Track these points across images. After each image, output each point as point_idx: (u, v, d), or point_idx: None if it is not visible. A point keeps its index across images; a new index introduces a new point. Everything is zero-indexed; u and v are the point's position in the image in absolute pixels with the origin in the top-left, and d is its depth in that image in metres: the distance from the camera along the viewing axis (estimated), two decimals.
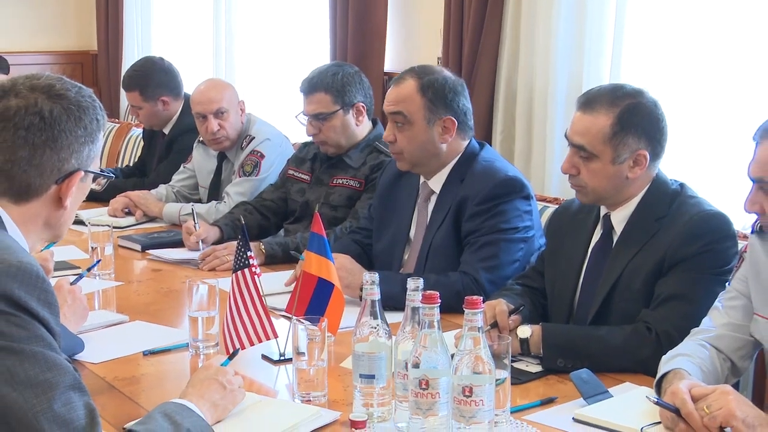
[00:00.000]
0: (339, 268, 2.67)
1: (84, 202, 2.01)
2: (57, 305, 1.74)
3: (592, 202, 2.67)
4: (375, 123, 3.79)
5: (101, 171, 1.97)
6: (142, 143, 5.30)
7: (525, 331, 2.49)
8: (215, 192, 4.42)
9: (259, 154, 4.24)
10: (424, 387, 1.92)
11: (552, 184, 4.17)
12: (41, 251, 2.91)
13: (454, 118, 3.07)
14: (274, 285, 3.05)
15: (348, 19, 5.24)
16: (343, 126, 3.69)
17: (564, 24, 4.12)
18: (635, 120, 2.55)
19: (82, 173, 1.88)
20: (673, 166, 2.88)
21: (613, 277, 2.57)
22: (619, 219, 2.62)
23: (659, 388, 2.17)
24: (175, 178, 4.62)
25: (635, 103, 2.57)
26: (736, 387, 2.31)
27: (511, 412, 2.13)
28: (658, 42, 3.88)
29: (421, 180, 3.20)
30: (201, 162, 4.53)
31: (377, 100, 3.89)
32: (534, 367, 2.46)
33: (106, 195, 4.04)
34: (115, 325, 2.84)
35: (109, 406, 2.21)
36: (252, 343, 2.50)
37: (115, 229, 3.69)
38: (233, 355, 2.28)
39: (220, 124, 4.25)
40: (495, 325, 2.51)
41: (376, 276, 2.15)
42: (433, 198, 3.17)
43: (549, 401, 2.26)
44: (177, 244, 3.78)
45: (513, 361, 2.28)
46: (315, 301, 2.52)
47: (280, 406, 2.23)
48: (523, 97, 4.37)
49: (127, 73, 4.99)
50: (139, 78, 4.83)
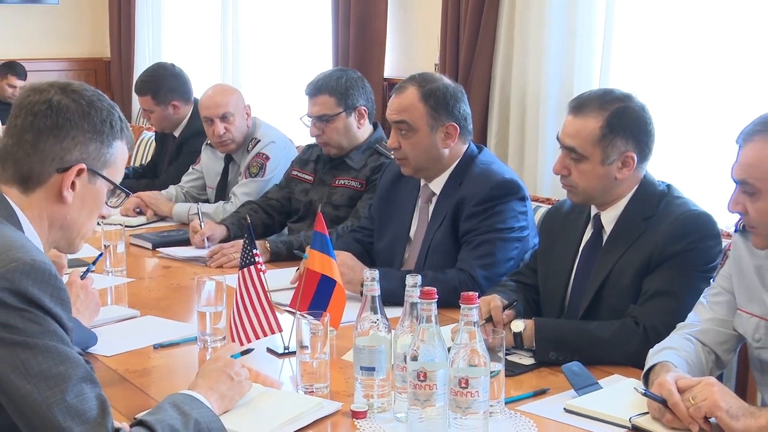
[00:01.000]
0: (341, 265, 2.66)
1: None
2: (69, 302, 1.73)
3: (583, 201, 2.67)
4: (375, 126, 3.79)
5: (117, 185, 1.91)
6: (154, 145, 5.29)
7: (518, 325, 2.48)
8: (222, 192, 4.41)
9: (264, 156, 4.23)
10: (422, 379, 1.91)
11: (544, 185, 4.17)
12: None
13: (456, 124, 3.06)
14: (279, 281, 3.04)
15: (350, 27, 5.24)
16: (346, 128, 3.68)
17: (555, 32, 4.12)
18: (624, 123, 2.55)
19: (85, 169, 1.83)
20: (660, 167, 2.88)
21: (603, 274, 2.56)
22: (609, 219, 2.62)
23: (647, 380, 2.17)
24: (185, 179, 4.62)
25: (624, 107, 2.56)
26: (720, 379, 2.30)
27: (506, 403, 2.13)
28: (645, 49, 3.88)
29: (422, 182, 3.19)
30: (209, 164, 4.53)
31: (377, 105, 3.89)
32: (527, 360, 2.45)
33: None
34: (126, 319, 2.83)
35: (121, 397, 2.21)
36: (258, 337, 2.50)
37: (126, 228, 3.68)
38: (246, 352, 2.27)
39: (226, 127, 4.24)
40: (490, 319, 2.51)
41: (376, 273, 2.15)
42: (433, 199, 3.16)
43: (541, 392, 2.25)
44: (186, 243, 3.77)
45: (507, 354, 2.27)
46: (318, 296, 2.51)
47: (284, 397, 2.22)
48: (517, 101, 4.36)
49: (140, 78, 4.99)
50: (151, 83, 4.83)
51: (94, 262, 2.84)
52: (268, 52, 6.30)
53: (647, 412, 2.07)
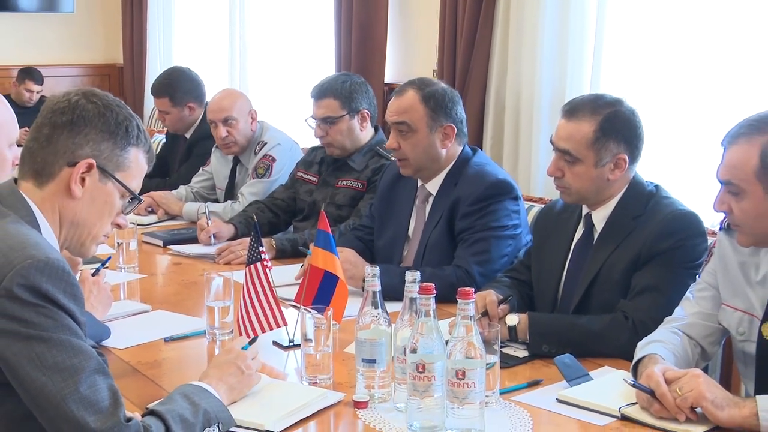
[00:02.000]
0: (343, 262, 2.66)
1: None
2: (82, 297, 1.73)
3: (575, 201, 2.66)
4: (377, 129, 3.79)
5: (129, 188, 1.87)
6: (164, 142, 5.28)
7: (513, 319, 2.48)
8: (231, 193, 4.41)
9: (270, 157, 4.23)
10: (420, 370, 1.91)
11: (537, 185, 4.17)
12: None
13: (454, 126, 3.06)
14: (284, 277, 3.04)
15: (352, 34, 5.24)
16: (349, 130, 3.68)
17: (548, 39, 4.12)
18: (616, 126, 2.54)
19: (95, 165, 1.81)
20: (649, 168, 2.87)
21: (594, 271, 2.56)
22: (600, 218, 2.61)
23: (635, 372, 2.16)
24: (195, 179, 4.61)
25: (615, 111, 2.56)
26: (706, 371, 2.30)
27: (501, 394, 2.13)
28: (634, 56, 3.89)
29: (419, 183, 3.19)
30: (218, 165, 4.52)
31: (378, 109, 3.89)
32: (521, 353, 2.45)
33: None
34: (138, 314, 2.83)
35: (133, 388, 2.21)
36: (264, 330, 2.49)
37: (139, 227, 3.69)
38: (253, 341, 2.27)
39: (228, 130, 4.24)
40: (485, 314, 2.51)
41: (376, 269, 2.15)
42: (430, 200, 3.16)
43: (535, 383, 2.25)
44: (196, 240, 3.76)
45: (502, 346, 2.27)
46: (321, 292, 2.51)
47: (289, 388, 2.22)
48: (511, 105, 4.36)
49: (157, 80, 4.96)
50: (168, 85, 4.81)
51: (104, 263, 2.83)
52: (274, 58, 6.30)
53: (636, 402, 2.06)
